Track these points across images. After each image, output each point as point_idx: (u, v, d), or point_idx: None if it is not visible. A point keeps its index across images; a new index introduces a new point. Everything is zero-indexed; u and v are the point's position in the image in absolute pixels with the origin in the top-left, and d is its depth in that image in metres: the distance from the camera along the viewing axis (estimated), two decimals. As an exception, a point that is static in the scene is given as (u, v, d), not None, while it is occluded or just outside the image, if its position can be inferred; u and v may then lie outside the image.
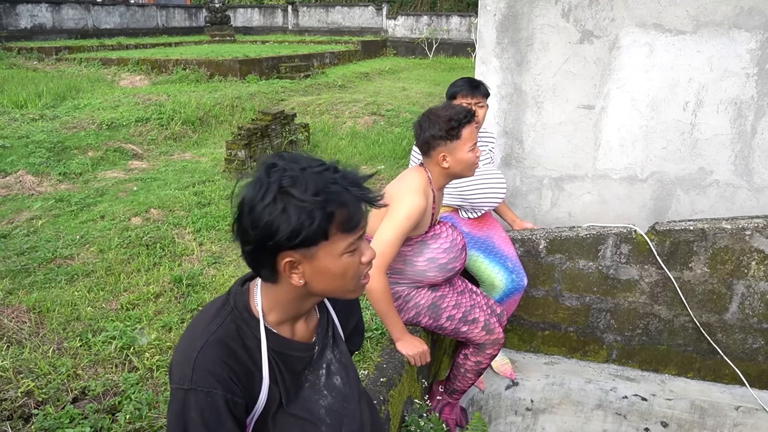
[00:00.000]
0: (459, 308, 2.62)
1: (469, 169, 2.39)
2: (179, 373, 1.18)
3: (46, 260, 4.32)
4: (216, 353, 1.19)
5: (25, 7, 16.76)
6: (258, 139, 7.13)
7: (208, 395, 1.16)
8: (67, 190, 6.20)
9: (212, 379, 1.16)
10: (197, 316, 1.30)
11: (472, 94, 3.04)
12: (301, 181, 1.11)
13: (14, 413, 2.52)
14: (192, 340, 1.22)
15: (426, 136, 2.35)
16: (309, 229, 1.11)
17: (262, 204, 1.10)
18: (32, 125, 8.39)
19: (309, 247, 1.14)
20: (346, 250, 1.18)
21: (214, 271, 4.22)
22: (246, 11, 24.67)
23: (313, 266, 1.18)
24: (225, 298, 1.29)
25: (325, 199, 1.11)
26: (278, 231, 1.10)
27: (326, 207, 1.11)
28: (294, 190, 1.10)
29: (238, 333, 1.23)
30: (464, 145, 2.33)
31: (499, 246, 3.15)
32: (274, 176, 1.12)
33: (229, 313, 1.25)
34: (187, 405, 1.16)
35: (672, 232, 3.34)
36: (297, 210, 1.10)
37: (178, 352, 1.23)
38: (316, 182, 1.12)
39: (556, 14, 3.45)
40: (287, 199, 1.10)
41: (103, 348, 3.13)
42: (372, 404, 1.53)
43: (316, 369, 1.35)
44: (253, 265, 1.20)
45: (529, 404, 3.53)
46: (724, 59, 3.30)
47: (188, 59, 13.07)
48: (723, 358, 3.45)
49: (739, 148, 3.42)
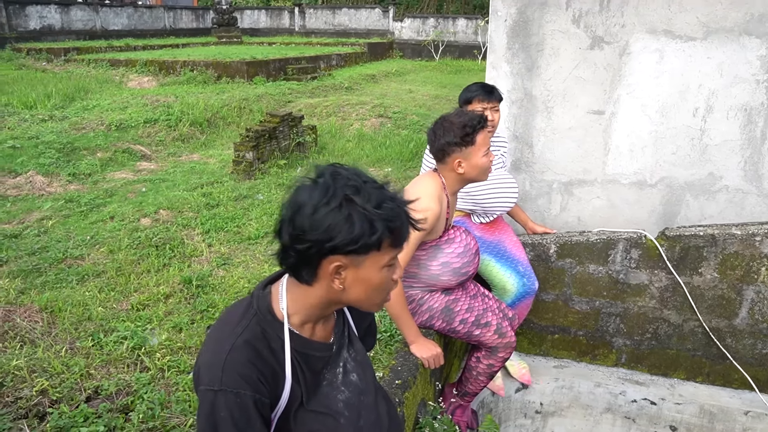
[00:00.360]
0: (472, 312, 2.64)
1: (483, 174, 2.42)
2: (209, 375, 1.21)
3: (57, 260, 4.35)
4: (244, 355, 1.22)
5: (34, 8, 16.88)
6: (266, 141, 7.16)
7: (238, 396, 1.19)
8: (76, 191, 6.25)
9: (241, 380, 1.20)
10: (221, 319, 1.33)
11: (488, 99, 3.05)
12: (365, 192, 1.18)
13: (30, 411, 2.55)
14: (220, 343, 1.25)
15: (441, 143, 2.37)
16: (369, 238, 1.17)
17: (327, 208, 1.16)
18: (42, 126, 8.45)
19: (361, 254, 1.20)
20: (388, 263, 1.25)
21: (224, 273, 4.24)
22: (253, 13, 24.75)
23: (356, 274, 1.23)
24: (248, 301, 1.33)
25: (387, 213, 1.18)
26: (339, 235, 1.16)
27: (387, 220, 1.18)
28: (358, 199, 1.17)
29: (263, 335, 1.27)
30: (479, 150, 2.35)
31: (510, 250, 3.17)
32: (340, 183, 1.18)
33: (253, 315, 1.28)
34: (218, 406, 1.19)
35: (682, 237, 3.35)
36: (360, 218, 1.16)
37: (205, 355, 1.26)
38: (377, 196, 1.18)
39: (566, 20, 3.47)
40: (352, 206, 1.16)
41: (114, 348, 3.15)
42: (388, 398, 1.56)
43: (333, 368, 1.40)
44: (296, 265, 1.23)
45: (539, 407, 3.54)
46: (734, 65, 3.31)
47: (196, 61, 13.13)
48: (732, 363, 3.46)
49: (748, 154, 3.42)
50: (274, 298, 1.32)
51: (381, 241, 1.19)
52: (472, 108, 2.98)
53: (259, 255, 4.55)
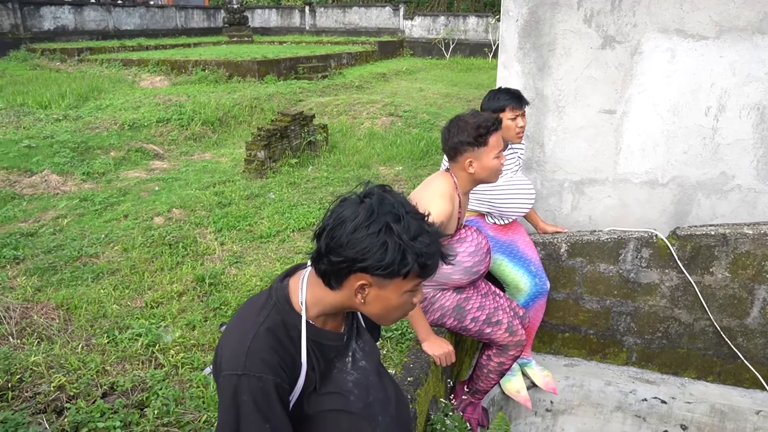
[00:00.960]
0: (483, 310, 2.66)
1: (493, 176, 2.44)
2: (232, 360, 1.28)
3: (72, 258, 4.41)
4: (267, 342, 1.30)
5: (48, 9, 17.04)
6: (277, 140, 7.20)
7: (260, 380, 1.26)
8: (90, 190, 6.32)
9: (264, 366, 1.27)
10: (242, 310, 1.41)
11: (521, 107, 3.04)
12: (405, 222, 1.25)
13: (48, 406, 2.59)
14: (243, 331, 1.32)
15: (454, 141, 2.40)
16: (398, 267, 1.24)
17: (366, 231, 1.23)
18: (56, 125, 8.54)
19: (387, 279, 1.27)
20: (411, 289, 1.33)
21: (236, 271, 4.29)
22: (264, 12, 24.83)
23: (379, 293, 1.31)
24: (268, 293, 1.41)
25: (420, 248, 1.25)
26: (371, 258, 1.23)
27: (419, 255, 1.25)
28: (397, 227, 1.24)
29: (283, 324, 1.35)
30: (491, 151, 2.37)
31: (523, 250, 3.19)
32: (384, 209, 1.26)
33: (273, 306, 1.36)
34: (240, 389, 1.26)
35: (693, 236, 3.34)
36: (395, 247, 1.23)
37: (229, 342, 1.33)
38: (416, 228, 1.26)
39: (578, 20, 3.47)
40: (389, 234, 1.24)
41: (129, 345, 3.20)
42: (395, 382, 1.64)
43: (343, 356, 1.47)
44: (326, 272, 1.30)
45: (549, 405, 3.56)
46: (746, 64, 3.30)
47: (207, 60, 13.21)
48: (744, 363, 3.45)
49: (761, 153, 3.41)
50: (292, 291, 1.40)
51: (409, 273, 1.26)
52: (504, 116, 2.97)
53: (271, 253, 4.59)
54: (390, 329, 3.06)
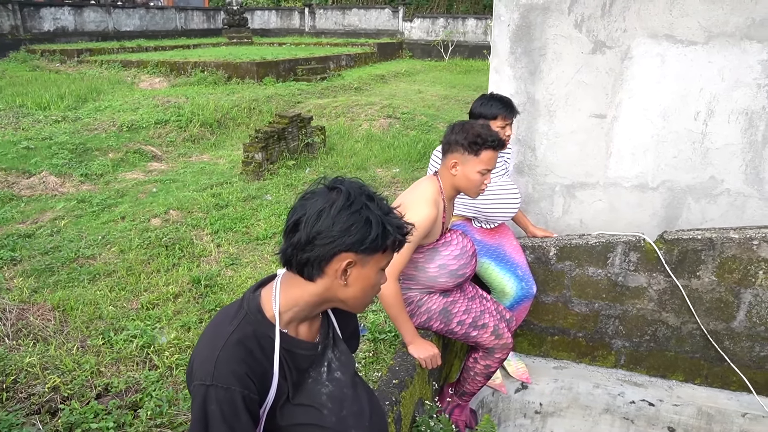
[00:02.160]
0: (469, 313, 2.70)
1: (472, 188, 2.48)
2: (201, 370, 1.31)
3: (69, 260, 4.45)
4: (236, 353, 1.32)
5: (48, 10, 17.08)
6: (275, 142, 7.24)
7: (227, 391, 1.29)
8: (88, 191, 6.36)
9: (232, 377, 1.29)
10: (214, 320, 1.43)
11: (511, 117, 3.13)
12: (377, 201, 1.37)
13: (42, 407, 2.63)
14: (213, 341, 1.34)
15: (451, 138, 2.48)
16: (382, 240, 1.33)
17: (349, 211, 1.31)
18: (55, 127, 8.58)
19: (369, 254, 1.35)
20: (384, 266, 1.41)
21: (232, 272, 4.32)
22: (263, 13, 24.87)
23: (360, 272, 1.37)
24: (239, 302, 1.43)
25: (395, 221, 1.37)
26: (358, 233, 1.31)
27: (397, 227, 1.36)
28: (372, 205, 1.34)
29: (254, 334, 1.36)
30: (478, 164, 2.42)
31: (510, 254, 3.23)
32: (358, 192, 1.35)
33: (244, 316, 1.38)
34: (208, 399, 1.29)
35: (680, 240, 3.38)
36: (377, 221, 1.33)
37: (199, 352, 1.36)
38: (386, 206, 1.39)
39: (569, 25, 3.51)
40: (370, 211, 1.33)
41: (124, 346, 3.24)
42: (371, 392, 1.66)
43: (318, 366, 1.50)
44: (308, 261, 1.34)
45: (538, 407, 3.59)
46: (735, 70, 3.33)
47: (206, 61, 13.24)
48: (730, 366, 3.49)
49: (750, 158, 3.45)
50: (264, 300, 1.41)
51: (388, 245, 1.35)
52: (494, 124, 3.03)
53: (267, 255, 4.63)
54: (384, 330, 3.10)
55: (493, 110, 3.09)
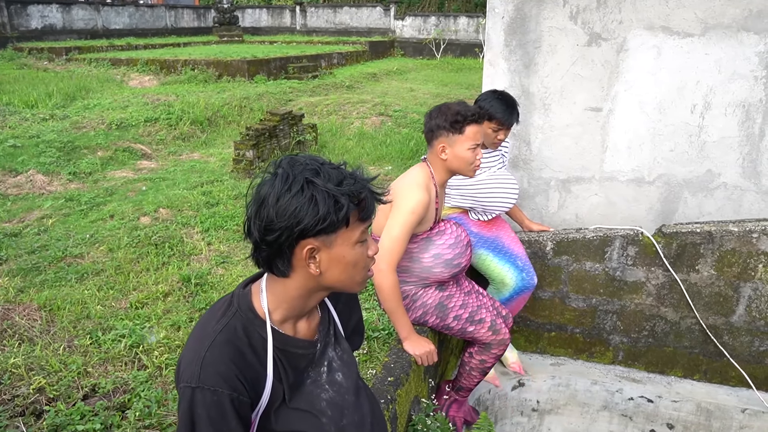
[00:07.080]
0: (466, 308, 2.65)
1: (467, 167, 2.44)
2: (188, 371, 1.22)
3: (56, 259, 4.36)
4: (223, 353, 1.23)
5: (35, 7, 16.91)
6: (266, 140, 7.17)
7: (215, 393, 1.20)
8: (77, 190, 6.26)
9: (219, 378, 1.20)
10: (203, 318, 1.34)
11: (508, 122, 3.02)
12: (324, 173, 1.21)
13: (26, 409, 2.56)
14: (200, 341, 1.25)
15: (431, 124, 2.44)
16: (336, 215, 1.20)
17: (290, 194, 1.18)
18: (43, 125, 8.47)
19: (330, 233, 1.22)
20: (360, 238, 1.27)
21: (222, 271, 4.25)
22: (254, 12, 24.76)
23: (330, 254, 1.25)
24: (229, 299, 1.33)
25: (349, 189, 1.21)
26: (306, 217, 1.18)
27: (351, 195, 1.21)
28: (318, 180, 1.19)
29: (245, 333, 1.27)
30: (465, 141, 2.39)
31: (508, 245, 3.18)
32: (298, 169, 1.21)
33: (234, 314, 1.29)
34: (195, 402, 1.20)
35: (679, 234, 3.34)
36: (324, 197, 1.19)
37: (186, 353, 1.27)
38: (337, 175, 1.22)
39: (564, 17, 3.46)
40: (313, 188, 1.19)
41: (112, 346, 3.16)
42: (373, 397, 1.56)
43: (317, 366, 1.40)
44: (269, 258, 1.25)
45: (535, 405, 3.55)
46: (732, 62, 3.30)
47: (197, 59, 13.14)
48: (729, 361, 3.45)
49: (746, 151, 3.42)
50: (254, 296, 1.32)
51: (348, 217, 1.22)
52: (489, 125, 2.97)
53: (258, 253, 4.56)
54: (377, 329, 3.04)
55: (491, 110, 3.01)
